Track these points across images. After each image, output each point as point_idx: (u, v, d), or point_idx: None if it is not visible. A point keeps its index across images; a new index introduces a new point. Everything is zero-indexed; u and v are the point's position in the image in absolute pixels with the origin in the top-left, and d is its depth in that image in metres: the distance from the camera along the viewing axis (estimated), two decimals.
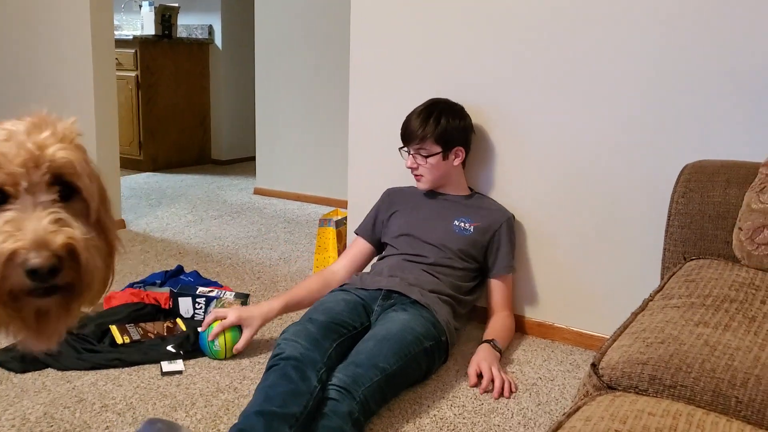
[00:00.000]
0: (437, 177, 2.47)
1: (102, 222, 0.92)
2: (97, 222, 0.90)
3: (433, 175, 2.46)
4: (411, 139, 2.43)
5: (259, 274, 3.11)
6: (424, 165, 2.44)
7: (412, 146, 2.44)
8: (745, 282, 1.50)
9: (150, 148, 5.62)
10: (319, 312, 2.09)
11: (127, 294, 2.58)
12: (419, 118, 2.42)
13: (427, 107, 2.46)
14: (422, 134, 2.40)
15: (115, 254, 0.95)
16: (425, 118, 2.42)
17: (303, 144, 4.70)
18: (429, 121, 2.42)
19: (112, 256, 0.95)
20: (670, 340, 1.20)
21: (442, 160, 2.44)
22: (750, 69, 2.06)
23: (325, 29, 4.46)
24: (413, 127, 2.42)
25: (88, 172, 0.89)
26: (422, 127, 2.40)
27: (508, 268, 2.45)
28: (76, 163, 0.87)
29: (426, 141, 2.41)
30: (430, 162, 2.43)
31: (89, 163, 0.91)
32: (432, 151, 2.42)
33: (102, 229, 0.92)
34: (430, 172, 2.45)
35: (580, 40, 2.32)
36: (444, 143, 2.42)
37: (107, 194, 0.96)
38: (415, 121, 2.42)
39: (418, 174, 2.48)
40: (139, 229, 3.80)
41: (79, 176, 0.87)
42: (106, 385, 2.03)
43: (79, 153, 0.89)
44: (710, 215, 1.79)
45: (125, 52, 5.41)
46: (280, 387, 1.71)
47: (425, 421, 1.90)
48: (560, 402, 2.04)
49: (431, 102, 2.48)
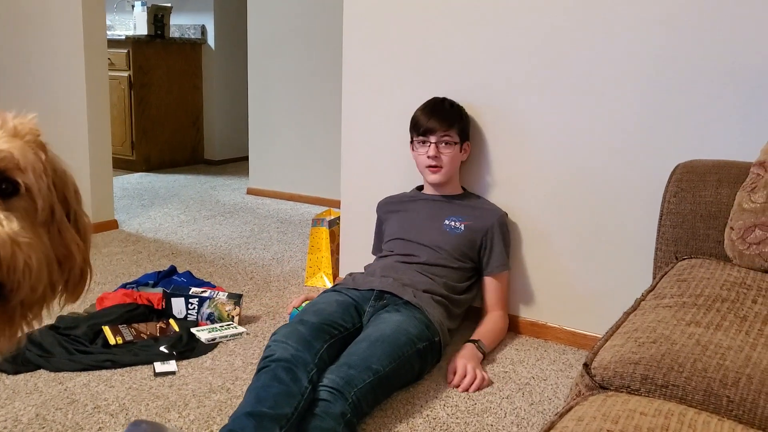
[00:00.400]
0: (454, 168, 2.48)
1: (59, 223, 0.87)
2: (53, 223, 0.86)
3: (452, 166, 2.47)
4: (437, 127, 2.42)
5: (252, 275, 3.11)
6: (446, 154, 2.44)
7: (437, 135, 2.42)
8: (737, 281, 1.51)
9: (143, 148, 5.60)
10: (311, 313, 2.08)
11: (120, 295, 2.58)
12: (442, 110, 2.44)
13: (442, 100, 2.49)
14: (449, 123, 2.42)
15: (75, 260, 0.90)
16: (449, 110, 2.45)
17: (296, 144, 4.70)
18: (453, 112, 2.45)
19: (70, 262, 0.90)
20: (662, 339, 1.20)
21: (458, 152, 2.45)
22: (742, 70, 2.07)
23: (318, 29, 4.45)
24: (439, 117, 2.42)
25: (38, 169, 0.84)
26: (448, 117, 2.42)
27: (502, 267, 2.45)
28: (19, 158, 0.82)
29: (452, 129, 2.42)
30: (451, 152, 2.44)
31: (44, 160, 0.86)
32: (455, 140, 2.43)
33: (59, 230, 0.87)
34: (450, 163, 2.45)
35: (574, 42, 2.33)
36: (462, 135, 2.46)
37: (76, 194, 0.92)
38: (438, 112, 2.43)
39: (437, 165, 2.44)
40: (132, 230, 3.79)
41: (23, 172, 0.82)
42: (99, 386, 2.03)
43: (30, 147, 0.85)
44: (702, 215, 1.80)
45: (118, 52, 5.39)
46: (271, 388, 1.71)
47: (418, 421, 1.90)
48: (553, 401, 2.05)
49: (440, 98, 2.51)
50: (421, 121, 2.45)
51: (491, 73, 2.49)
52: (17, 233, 0.78)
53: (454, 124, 2.43)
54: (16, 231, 0.78)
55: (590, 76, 2.31)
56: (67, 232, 0.89)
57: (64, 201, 0.90)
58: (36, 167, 0.84)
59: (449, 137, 2.42)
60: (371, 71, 2.74)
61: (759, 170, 1.69)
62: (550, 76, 2.38)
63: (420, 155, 2.47)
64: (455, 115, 2.44)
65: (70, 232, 0.89)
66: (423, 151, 2.46)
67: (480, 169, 2.58)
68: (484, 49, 2.49)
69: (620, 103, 2.28)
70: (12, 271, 0.77)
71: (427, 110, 2.46)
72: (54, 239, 0.87)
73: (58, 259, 0.88)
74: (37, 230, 0.83)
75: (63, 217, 0.89)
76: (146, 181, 5.26)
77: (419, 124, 2.45)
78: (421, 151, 2.47)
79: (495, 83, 2.49)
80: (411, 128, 2.50)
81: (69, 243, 0.89)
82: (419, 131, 2.45)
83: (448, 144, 2.43)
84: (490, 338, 2.35)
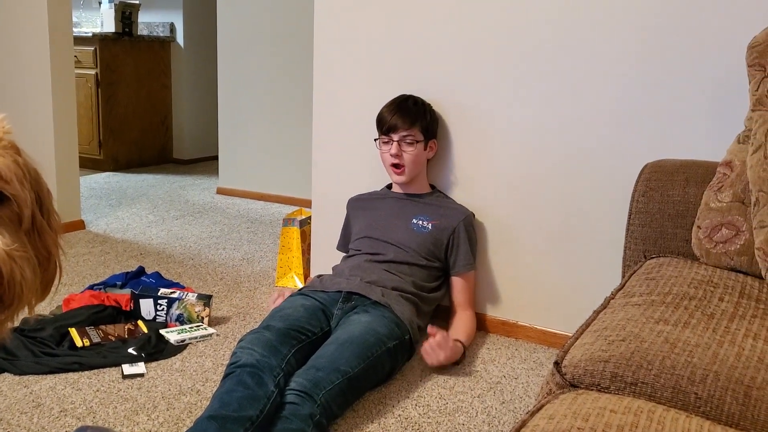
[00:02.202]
0: (417, 168, 2.47)
1: (39, 226, 0.87)
2: (33, 227, 0.86)
3: (415, 166, 2.46)
4: (399, 126, 2.41)
5: (222, 275, 3.08)
6: (408, 153, 2.43)
7: (398, 133, 2.42)
8: (704, 280, 1.53)
9: (110, 147, 5.52)
10: (277, 319, 2.06)
11: (87, 296, 2.53)
12: (406, 107, 2.43)
13: (407, 98, 2.48)
14: (411, 121, 2.41)
15: (53, 261, 0.90)
16: (413, 107, 2.44)
17: (266, 143, 4.67)
18: (417, 110, 2.43)
19: (49, 264, 0.90)
20: (631, 337, 1.21)
21: (422, 150, 2.45)
22: (709, 71, 2.10)
23: (289, 27, 4.43)
24: (402, 115, 2.41)
25: (19, 176, 0.83)
26: (411, 115, 2.41)
27: (468, 266, 2.45)
28: (3, 169, 0.80)
29: (414, 127, 2.41)
30: (414, 151, 2.43)
31: (22, 164, 0.85)
32: (417, 138, 2.42)
33: (39, 233, 0.87)
34: (413, 162, 2.45)
35: (542, 41, 2.34)
36: (426, 133, 2.44)
37: (48, 194, 0.90)
38: (402, 109, 2.42)
39: (400, 164, 2.44)
40: (99, 230, 3.73)
41: (8, 182, 0.81)
42: (65, 389, 1.99)
43: (9, 155, 0.83)
44: (670, 214, 1.82)
45: (84, 50, 5.31)
46: (236, 393, 1.69)
47: (390, 421, 1.90)
48: (524, 400, 2.06)
49: (407, 95, 2.50)
50: (384, 119, 2.45)
51: (461, 72, 2.50)
52: (11, 248, 0.78)
53: (417, 122, 2.42)
54: (9, 245, 0.78)
55: (559, 76, 2.33)
56: (46, 234, 0.89)
57: (38, 201, 0.89)
58: (18, 175, 0.83)
59: (411, 136, 2.42)
60: (342, 69, 2.73)
61: (725, 170, 1.72)
62: (519, 75, 2.39)
63: (384, 153, 2.48)
64: (418, 113, 2.44)
65: (49, 235, 0.89)
66: (386, 149, 2.46)
67: (448, 167, 2.59)
68: (453, 48, 2.50)
69: (589, 102, 2.29)
70: (11, 286, 0.79)
71: (391, 108, 2.46)
72: (35, 243, 0.87)
73: (39, 261, 0.88)
74: (21, 237, 0.83)
75: (42, 220, 0.88)
76: (114, 180, 5.19)
77: (382, 122, 2.46)
78: (384, 149, 2.47)
79: (464, 82, 2.50)
80: (376, 125, 2.50)
81: (49, 245, 0.89)
82: (382, 129, 2.45)
83: (410, 143, 2.42)
84: (469, 342, 2.36)
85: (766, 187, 1.55)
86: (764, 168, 1.57)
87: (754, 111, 1.67)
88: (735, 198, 1.66)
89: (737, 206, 1.65)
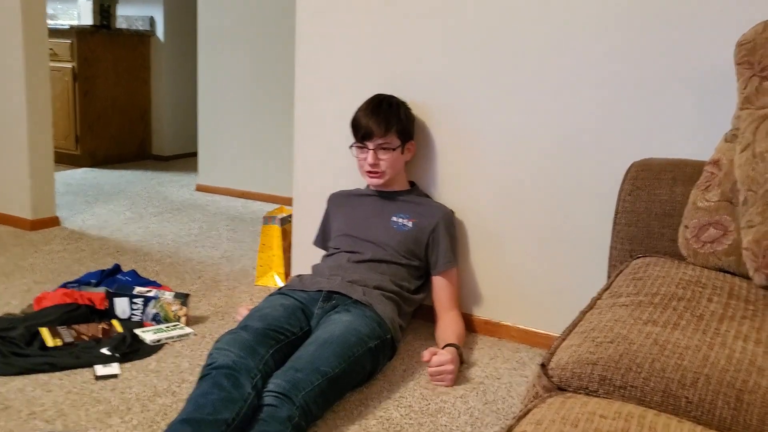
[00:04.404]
0: (395, 172, 2.43)
1: None
2: None
3: (394, 170, 2.41)
4: (374, 134, 2.35)
5: (200, 273, 3.02)
6: (385, 160, 2.39)
7: (374, 141, 2.36)
8: (692, 280, 1.50)
9: (87, 142, 5.43)
10: (255, 319, 2.00)
11: (60, 294, 2.46)
12: (380, 112, 2.36)
13: (381, 101, 2.41)
14: (386, 127, 2.35)
15: None
16: (387, 111, 2.37)
17: (247, 140, 4.61)
18: (391, 114, 2.37)
19: None
20: (619, 339, 1.18)
21: (400, 155, 2.41)
22: (696, 69, 2.08)
23: (271, 22, 4.37)
24: (376, 121, 2.34)
25: None
26: (386, 121, 2.35)
27: (449, 263, 2.41)
28: None
29: (389, 134, 2.36)
30: (391, 158, 2.38)
31: None
32: (394, 145, 2.37)
33: None
34: (391, 168, 2.40)
35: (527, 40, 2.31)
36: (403, 136, 2.39)
37: None
38: (376, 115, 2.36)
39: (378, 171, 2.39)
40: (75, 227, 3.65)
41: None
42: (35, 390, 1.93)
43: None
44: (657, 213, 1.79)
45: (61, 43, 5.22)
46: (211, 395, 1.64)
47: (371, 423, 1.86)
48: (507, 401, 2.02)
49: (381, 96, 2.43)
50: (359, 125, 2.38)
51: (443, 71, 2.46)
52: None
53: (392, 128, 2.36)
54: None
55: (544, 74, 2.30)
56: None
57: None
58: None
59: (388, 143, 2.37)
60: (324, 66, 2.69)
61: (713, 169, 1.69)
62: (504, 74, 2.36)
63: (360, 160, 2.43)
64: (393, 118, 2.37)
65: None
66: (362, 156, 2.41)
67: (431, 166, 2.55)
68: (437, 47, 2.46)
69: (574, 101, 2.27)
70: None
71: (366, 112, 2.38)
72: None
73: None
74: None
75: None
76: (91, 176, 5.10)
77: (358, 128, 2.39)
78: (360, 156, 2.42)
79: (447, 81, 2.46)
80: (351, 130, 2.43)
81: None
82: (357, 136, 2.39)
83: (386, 149, 2.38)
84: (461, 341, 2.31)
85: (755, 186, 1.53)
86: (752, 167, 1.54)
87: (742, 109, 1.65)
88: (723, 197, 1.64)
89: (725, 206, 1.63)
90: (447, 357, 2.10)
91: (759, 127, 1.57)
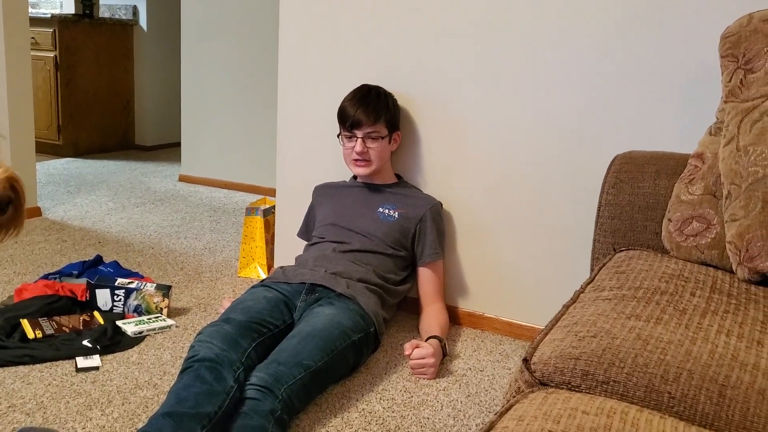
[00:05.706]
0: (382, 162, 2.41)
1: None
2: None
3: (381, 159, 2.40)
4: (362, 123, 2.33)
5: (182, 265, 3.00)
6: (373, 149, 2.37)
7: (362, 130, 2.35)
8: (675, 273, 1.50)
9: (70, 132, 5.37)
10: (238, 311, 1.99)
11: (40, 286, 2.44)
12: (368, 102, 2.35)
13: (369, 90, 2.40)
14: (375, 116, 2.34)
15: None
16: (375, 101, 2.36)
17: (230, 130, 4.57)
18: (380, 103, 2.36)
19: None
20: (602, 333, 1.18)
21: (387, 144, 2.39)
22: (680, 62, 2.08)
23: (255, 12, 4.33)
24: (365, 110, 2.33)
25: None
26: (375, 110, 2.34)
27: (435, 255, 2.41)
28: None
29: (378, 123, 2.35)
30: (379, 147, 2.37)
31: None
32: (382, 134, 2.36)
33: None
34: (379, 157, 2.39)
35: (513, 34, 2.30)
36: (391, 126, 2.38)
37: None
38: (365, 104, 2.34)
39: (366, 160, 2.38)
40: (57, 217, 3.61)
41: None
42: (15, 383, 1.90)
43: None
44: (640, 206, 1.79)
45: (43, 31, 5.15)
46: (193, 388, 1.62)
47: (353, 416, 1.85)
48: (489, 393, 2.02)
49: (369, 86, 2.42)
50: (347, 113, 2.36)
51: (429, 63, 2.45)
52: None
53: (381, 117, 2.35)
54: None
55: (530, 67, 2.29)
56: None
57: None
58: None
59: (376, 132, 2.36)
60: (308, 56, 2.66)
61: (697, 162, 1.69)
62: (490, 67, 2.35)
63: (347, 149, 2.41)
64: (382, 107, 2.37)
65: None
66: (350, 145, 2.39)
67: (417, 158, 2.54)
68: (424, 39, 2.44)
69: (560, 94, 2.26)
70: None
71: (354, 102, 2.37)
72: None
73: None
74: None
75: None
76: (73, 166, 5.05)
77: (345, 116, 2.37)
78: (348, 145, 2.40)
79: (432, 73, 2.44)
80: (338, 119, 2.42)
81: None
82: (345, 125, 2.38)
83: (375, 138, 2.37)
84: (444, 334, 2.30)
85: (738, 180, 1.53)
86: (736, 160, 1.55)
87: (727, 102, 1.65)
88: (706, 191, 1.64)
89: (708, 199, 1.63)
90: (428, 350, 2.09)
91: (743, 121, 1.57)
